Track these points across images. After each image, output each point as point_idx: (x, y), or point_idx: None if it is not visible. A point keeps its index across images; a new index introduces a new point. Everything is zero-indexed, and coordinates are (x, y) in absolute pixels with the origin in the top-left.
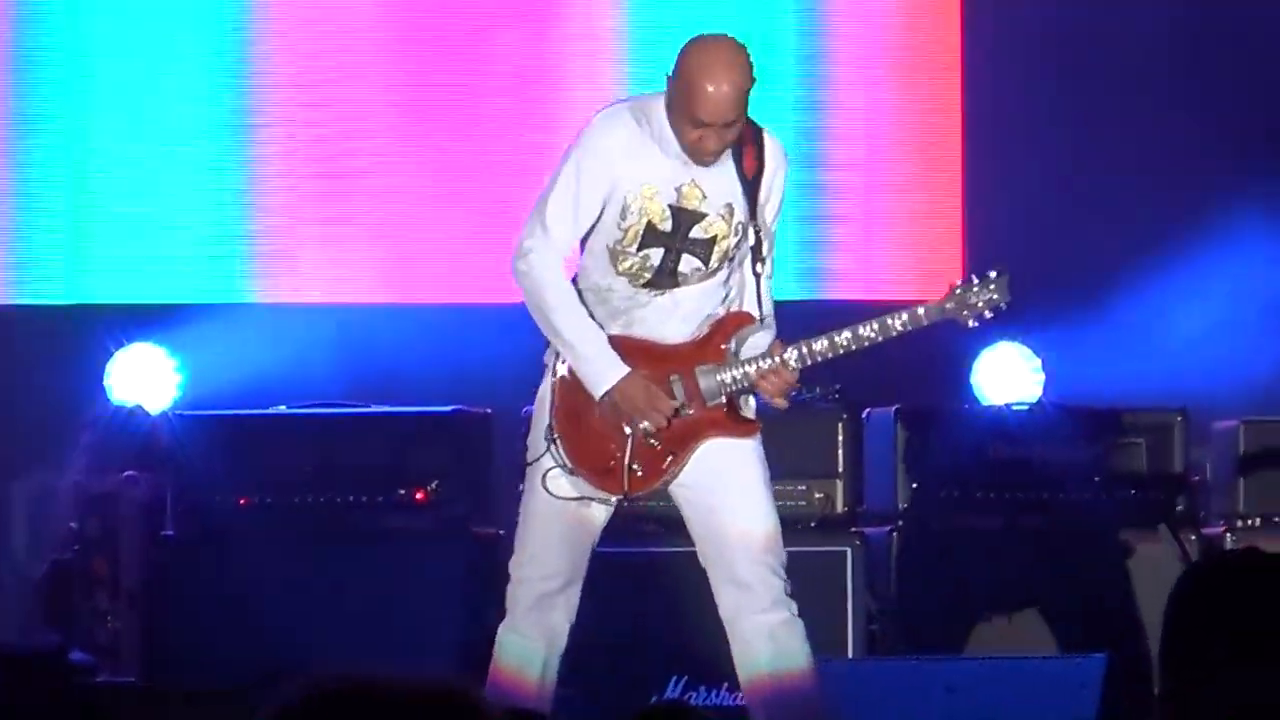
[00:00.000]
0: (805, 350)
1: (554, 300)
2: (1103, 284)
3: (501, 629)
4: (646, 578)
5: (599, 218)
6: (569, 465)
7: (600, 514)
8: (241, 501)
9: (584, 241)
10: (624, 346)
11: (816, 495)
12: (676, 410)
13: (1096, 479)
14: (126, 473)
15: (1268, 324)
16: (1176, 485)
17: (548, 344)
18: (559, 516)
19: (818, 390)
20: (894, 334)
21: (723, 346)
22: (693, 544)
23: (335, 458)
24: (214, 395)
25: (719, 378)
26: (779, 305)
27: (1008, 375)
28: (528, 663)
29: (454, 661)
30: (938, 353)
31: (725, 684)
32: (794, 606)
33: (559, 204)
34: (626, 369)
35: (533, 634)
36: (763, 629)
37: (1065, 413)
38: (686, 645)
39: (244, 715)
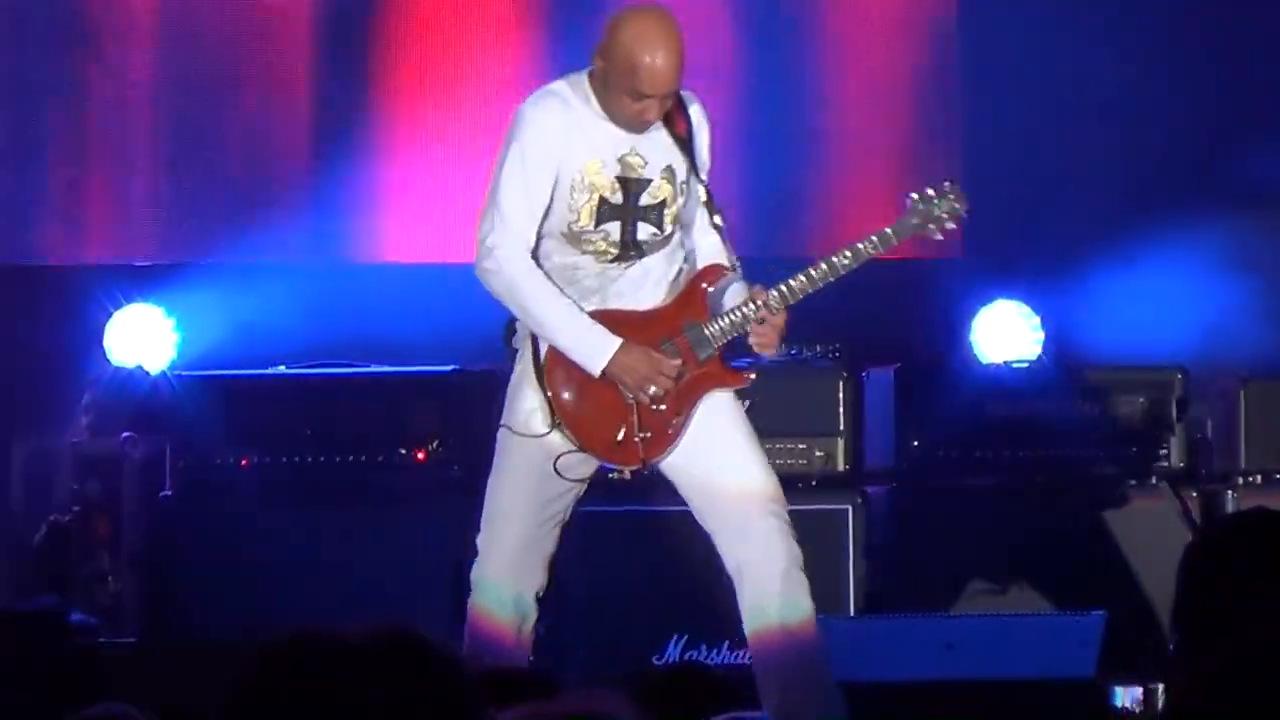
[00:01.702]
0: (785, 289)
1: (529, 291)
2: (1102, 241)
3: (476, 573)
4: (646, 536)
5: (550, 202)
6: (578, 445)
7: (579, 488)
8: (241, 462)
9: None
10: (607, 320)
11: (817, 454)
12: (680, 371)
13: (1096, 437)
14: (125, 434)
15: (1268, 280)
16: (1177, 443)
17: (508, 329)
18: (535, 490)
19: (818, 349)
20: (865, 257)
21: (704, 301)
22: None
23: (335, 418)
24: (212, 355)
25: (707, 332)
26: (772, 260)
27: (1007, 333)
28: (505, 609)
29: (452, 619)
30: (937, 311)
31: (726, 642)
32: (801, 559)
33: (511, 195)
34: (619, 340)
35: (505, 594)
36: (774, 579)
37: (1065, 371)
38: (687, 604)
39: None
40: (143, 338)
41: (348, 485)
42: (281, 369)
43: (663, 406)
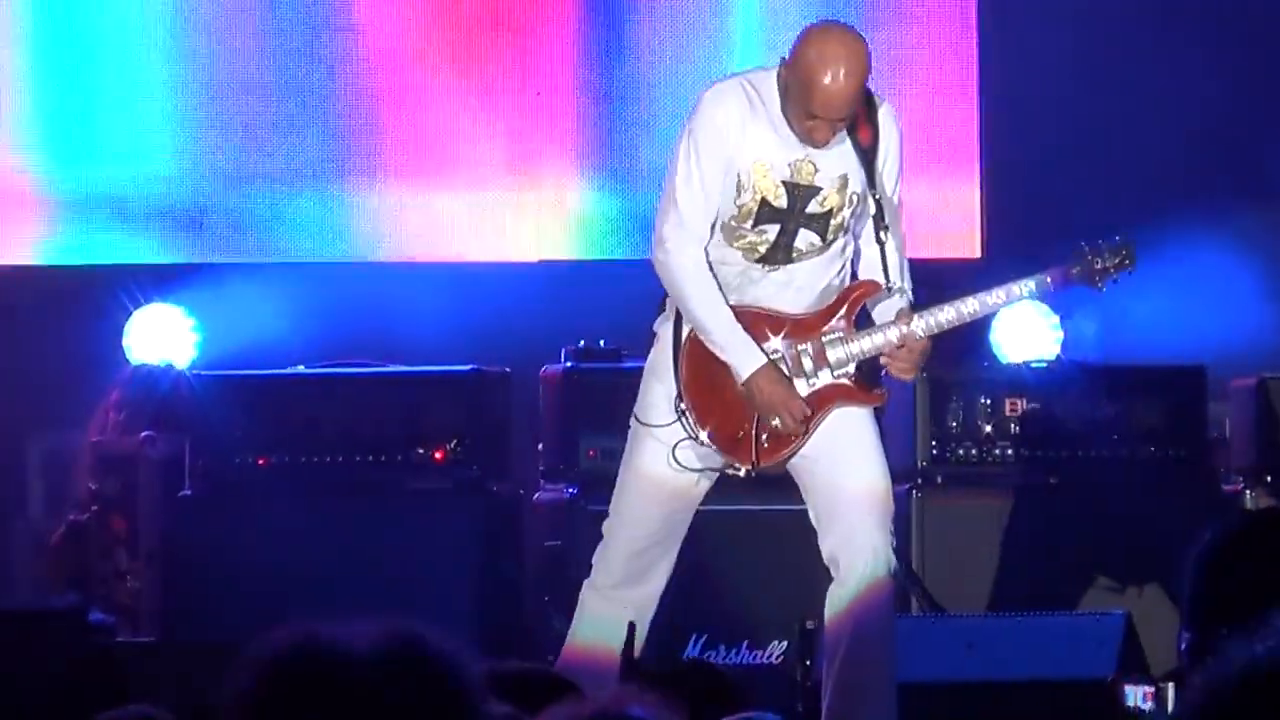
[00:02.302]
0: (931, 321)
1: (693, 290)
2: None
3: (588, 590)
4: None
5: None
6: (698, 435)
7: (705, 485)
8: (260, 461)
9: None
10: (749, 317)
11: None
12: (809, 418)
13: (1115, 436)
14: (145, 433)
15: None
16: (1196, 442)
17: (659, 307)
18: (663, 483)
19: None
20: (1019, 299)
21: (851, 316)
22: (718, 504)
23: (354, 417)
24: (232, 355)
25: (848, 348)
26: None
27: (1027, 333)
28: (613, 634)
29: (471, 619)
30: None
31: (745, 642)
32: (893, 565)
33: (687, 188)
34: (763, 359)
35: (621, 601)
36: (857, 578)
37: (1084, 370)
38: (707, 604)
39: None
40: (163, 337)
41: (366, 485)
42: (300, 369)
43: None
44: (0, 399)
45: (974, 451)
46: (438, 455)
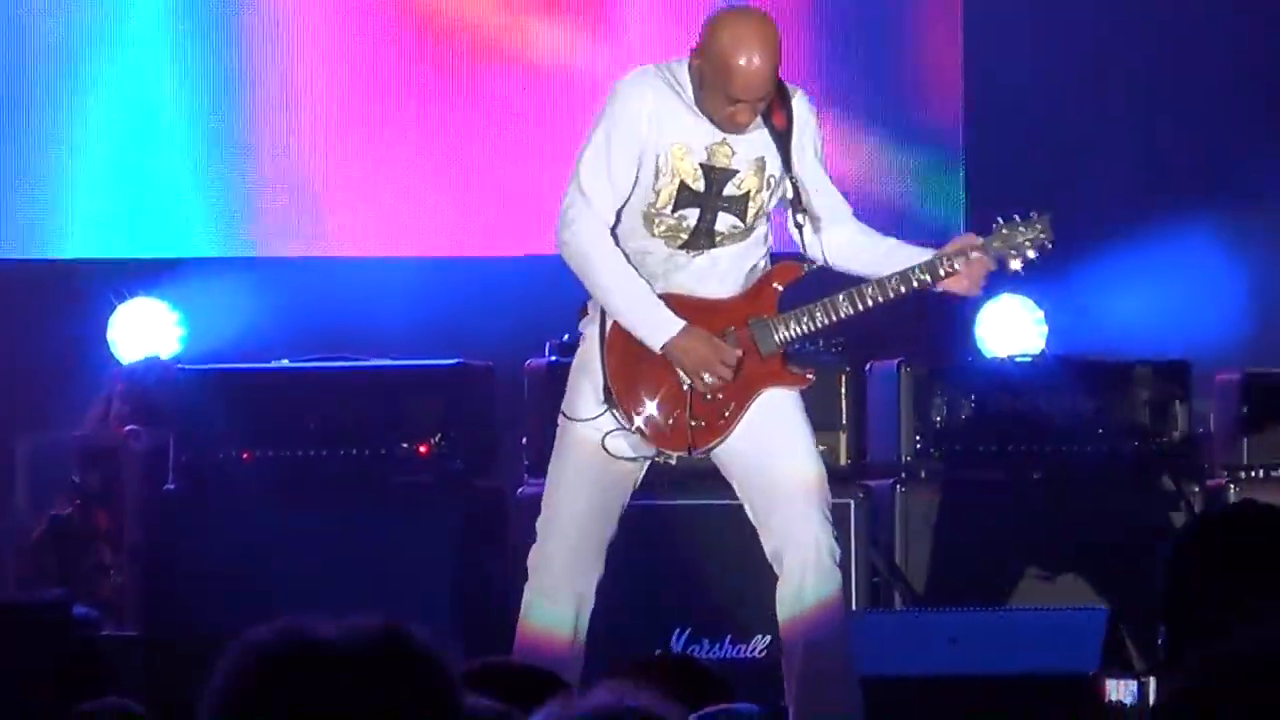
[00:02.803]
0: (857, 297)
1: (600, 263)
2: (1105, 235)
3: (529, 591)
4: (652, 530)
5: (634, 181)
6: (629, 425)
7: (636, 474)
8: (244, 456)
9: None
10: (673, 303)
11: (820, 447)
12: (739, 362)
13: (1099, 431)
14: (129, 427)
15: (1270, 273)
16: (1180, 437)
17: (581, 311)
18: (594, 477)
19: (820, 343)
20: (941, 275)
21: (774, 298)
22: (697, 497)
23: (338, 412)
24: (216, 349)
25: (772, 328)
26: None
27: (1010, 327)
28: (558, 626)
29: (455, 615)
30: (940, 305)
31: (728, 636)
32: (837, 553)
33: (593, 171)
34: (683, 322)
35: (562, 598)
36: (808, 569)
37: (1068, 365)
38: (690, 598)
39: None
40: (147, 331)
41: (350, 479)
42: (284, 363)
43: (719, 395)
44: None
45: (957, 446)
46: (422, 449)
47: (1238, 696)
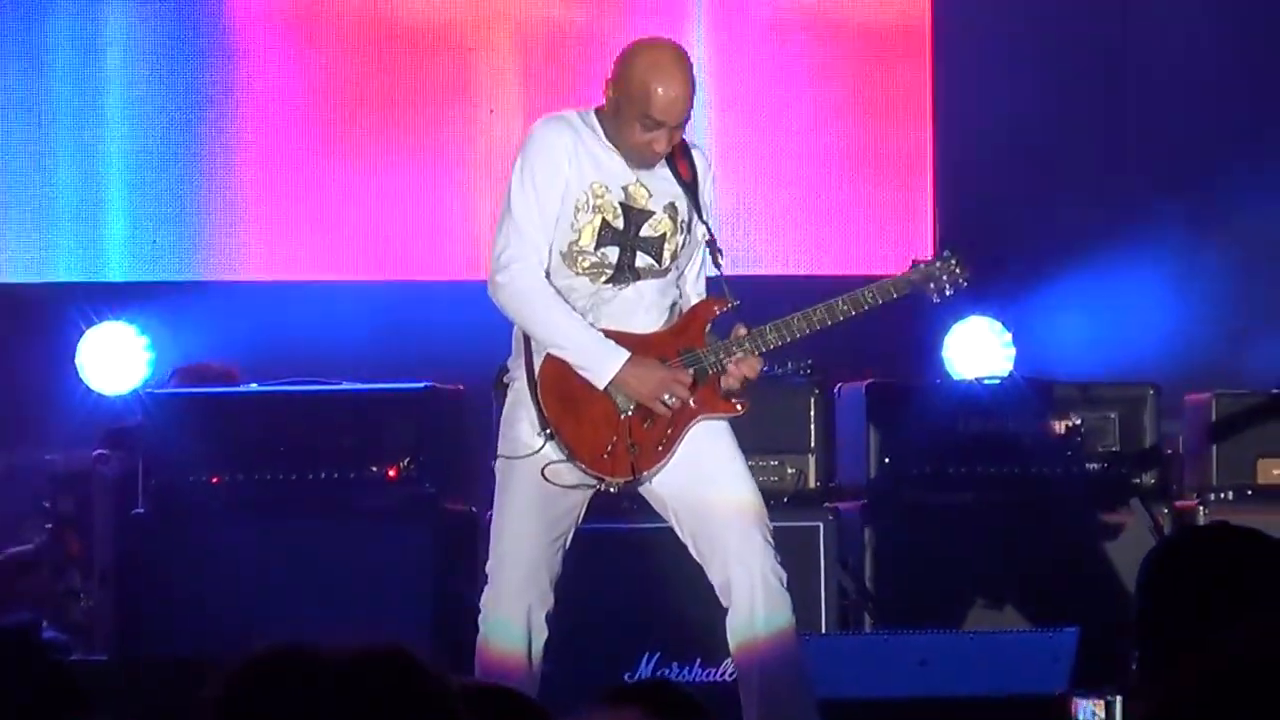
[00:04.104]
0: (782, 329)
1: (540, 302)
2: (1073, 257)
3: (483, 625)
4: (618, 555)
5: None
6: (568, 454)
7: (580, 505)
8: (213, 479)
9: None
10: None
11: (789, 470)
12: (691, 382)
13: (1068, 453)
14: (97, 451)
15: (1237, 295)
16: (1149, 458)
17: (501, 369)
18: (540, 511)
19: (789, 365)
20: (865, 307)
21: (702, 330)
22: (662, 521)
23: (307, 435)
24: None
25: (703, 359)
26: (752, 280)
27: (978, 349)
28: (513, 658)
29: (426, 637)
30: (909, 327)
31: (697, 660)
32: (784, 576)
33: (524, 209)
34: (627, 353)
35: (516, 633)
36: (757, 594)
37: (1036, 387)
38: (658, 622)
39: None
40: (115, 356)
41: (320, 502)
42: (253, 386)
43: (649, 424)
44: None
45: (926, 468)
46: (391, 473)
47: (1210, 716)
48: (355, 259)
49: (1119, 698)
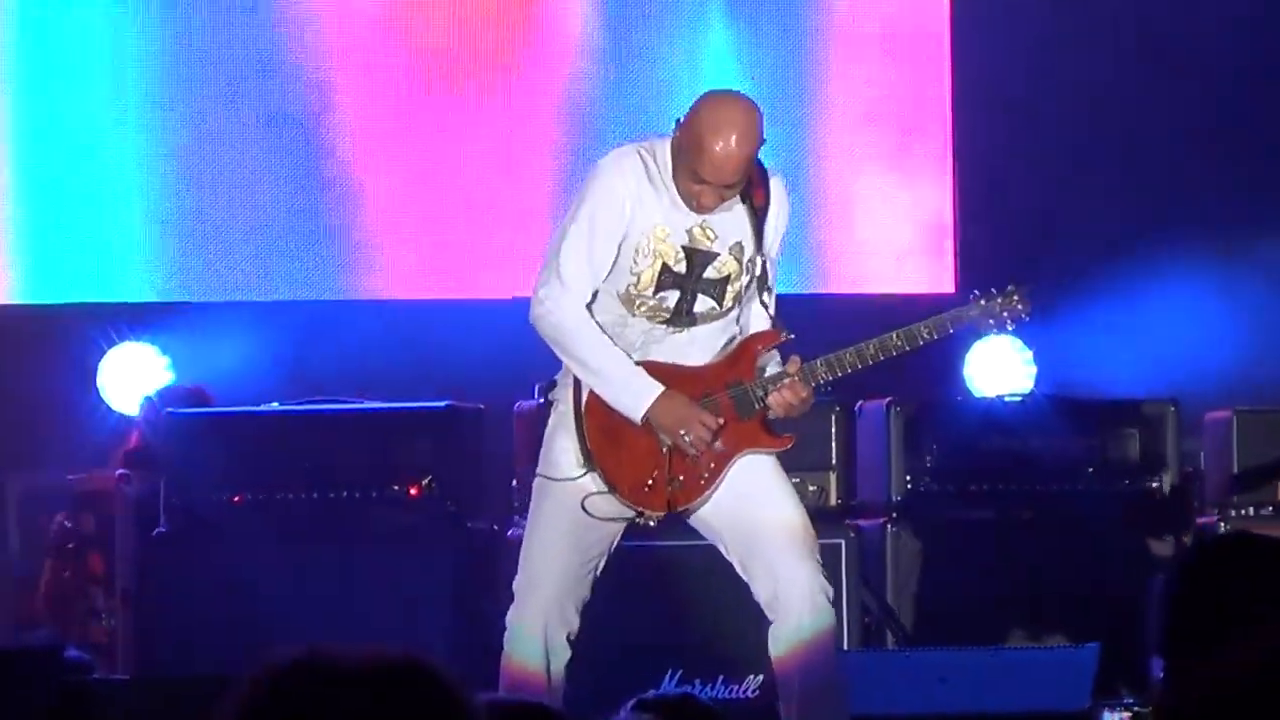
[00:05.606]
0: (834, 362)
1: (575, 336)
2: (1094, 275)
3: (512, 619)
4: (643, 572)
5: (614, 261)
6: (609, 486)
7: (615, 534)
8: (234, 499)
9: None
10: (652, 371)
11: (810, 488)
12: (720, 425)
13: (1089, 470)
14: (119, 471)
15: (1258, 312)
16: (1169, 475)
17: (549, 389)
18: (574, 537)
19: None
20: (920, 343)
21: (753, 363)
22: (690, 539)
23: (328, 454)
24: (207, 392)
25: (751, 393)
26: (780, 299)
27: (1000, 367)
28: (537, 662)
29: (447, 655)
30: (930, 345)
31: (720, 677)
32: (831, 592)
33: (574, 255)
34: (661, 387)
35: (539, 638)
36: (804, 608)
37: (1058, 404)
38: (681, 640)
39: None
40: (136, 376)
41: (341, 521)
42: (274, 406)
43: (699, 457)
44: None
45: (948, 486)
46: (412, 491)
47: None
48: (377, 278)
49: (1149, 708)
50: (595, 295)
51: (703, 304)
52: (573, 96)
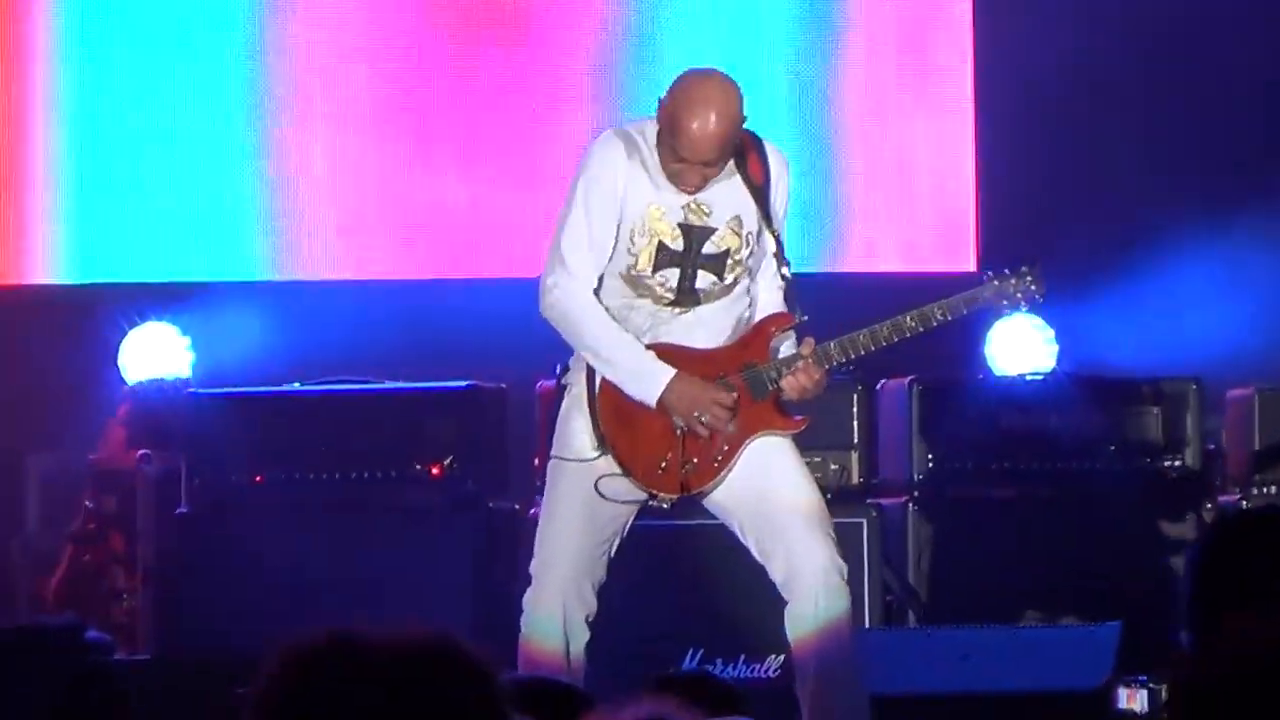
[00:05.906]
0: (846, 344)
1: (585, 323)
2: (1115, 253)
3: (529, 601)
4: (663, 552)
5: (614, 243)
6: (623, 469)
7: (628, 516)
8: (256, 479)
9: None
10: (665, 354)
11: (832, 467)
12: (734, 404)
13: (1111, 449)
14: (141, 451)
15: None
16: (1191, 454)
17: (562, 372)
18: (588, 517)
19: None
20: (934, 324)
21: (766, 345)
22: (712, 517)
23: (350, 434)
24: (227, 373)
25: (765, 375)
26: (797, 277)
27: (1021, 346)
28: (555, 643)
29: (469, 634)
30: (951, 323)
31: (741, 656)
32: (845, 571)
33: (575, 242)
34: (673, 370)
35: (556, 619)
36: (818, 587)
37: (1079, 383)
38: (703, 619)
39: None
40: (158, 356)
41: (363, 501)
42: (296, 386)
43: (713, 439)
44: None
45: (969, 464)
46: (434, 471)
47: (1259, 700)
48: (396, 258)
49: (1164, 688)
50: (601, 280)
51: (704, 280)
52: (599, 72)
